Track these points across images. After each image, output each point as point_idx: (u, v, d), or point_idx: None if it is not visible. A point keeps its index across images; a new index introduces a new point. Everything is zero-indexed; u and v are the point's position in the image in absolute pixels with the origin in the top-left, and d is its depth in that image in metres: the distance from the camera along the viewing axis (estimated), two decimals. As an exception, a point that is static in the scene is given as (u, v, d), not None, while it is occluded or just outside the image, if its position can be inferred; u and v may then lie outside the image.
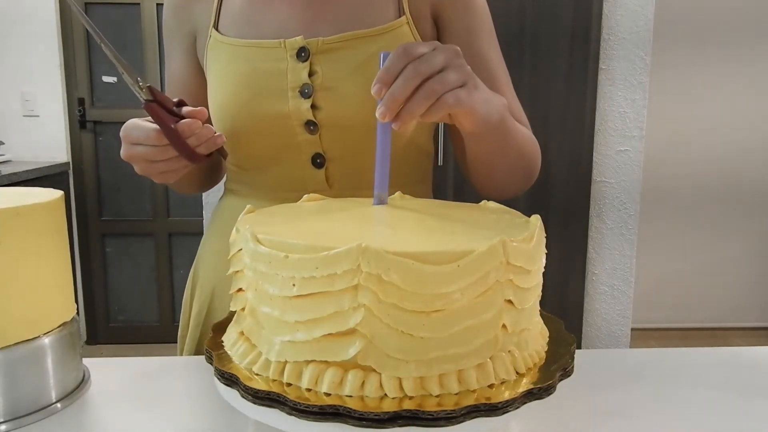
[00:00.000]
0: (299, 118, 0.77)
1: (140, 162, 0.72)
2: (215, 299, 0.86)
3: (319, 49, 0.77)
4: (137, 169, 0.73)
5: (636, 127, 2.24)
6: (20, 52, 3.02)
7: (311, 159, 0.80)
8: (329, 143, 0.79)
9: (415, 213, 0.62)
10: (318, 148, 0.79)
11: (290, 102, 0.77)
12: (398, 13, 0.80)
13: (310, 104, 0.77)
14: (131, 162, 0.72)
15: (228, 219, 0.85)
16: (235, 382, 0.48)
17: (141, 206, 3.20)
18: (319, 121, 0.78)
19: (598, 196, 2.27)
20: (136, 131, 0.70)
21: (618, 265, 2.32)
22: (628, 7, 2.17)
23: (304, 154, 0.80)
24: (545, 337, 0.57)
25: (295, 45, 0.77)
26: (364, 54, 0.77)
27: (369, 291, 0.44)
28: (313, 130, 0.78)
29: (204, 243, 0.93)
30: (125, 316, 3.26)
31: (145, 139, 0.69)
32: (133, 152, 0.71)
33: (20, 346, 0.60)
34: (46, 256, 0.62)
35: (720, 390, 0.68)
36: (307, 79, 0.77)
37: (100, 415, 0.63)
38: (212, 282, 0.87)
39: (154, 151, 0.70)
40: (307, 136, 0.79)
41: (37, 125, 3.08)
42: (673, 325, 3.35)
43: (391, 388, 0.45)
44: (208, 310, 0.87)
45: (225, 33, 0.81)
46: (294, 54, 0.77)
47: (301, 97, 0.77)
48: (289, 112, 0.77)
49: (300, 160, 0.80)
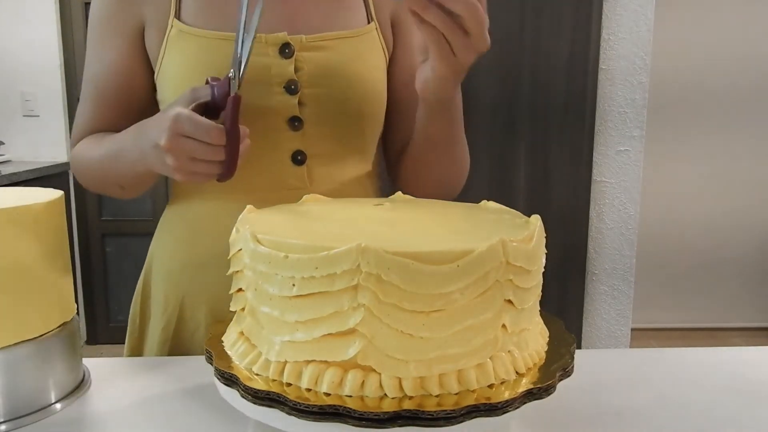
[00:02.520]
0: (284, 114, 0.77)
1: (182, 157, 0.66)
2: (185, 311, 0.82)
3: (303, 46, 0.78)
4: (170, 162, 0.66)
5: (636, 127, 2.24)
6: (20, 52, 3.01)
7: (291, 156, 0.79)
8: (311, 140, 0.79)
9: (415, 213, 0.62)
10: (299, 144, 0.79)
11: (275, 97, 0.77)
12: (368, 19, 0.84)
13: (297, 100, 0.77)
14: (169, 153, 0.65)
15: (187, 230, 0.83)
16: (235, 382, 0.48)
17: (141, 206, 3.20)
18: (304, 117, 0.78)
19: (598, 196, 2.27)
20: (190, 124, 0.64)
21: (618, 265, 2.32)
22: (628, 7, 2.17)
23: (285, 151, 0.79)
24: (545, 337, 0.57)
25: (278, 41, 0.76)
26: (344, 55, 0.80)
27: (369, 291, 0.44)
28: (297, 126, 0.78)
29: (157, 256, 0.88)
30: (125, 316, 3.23)
31: (202, 134, 0.65)
32: (179, 144, 0.65)
33: (20, 346, 0.60)
34: (46, 256, 0.62)
35: (720, 390, 0.68)
36: (293, 75, 0.77)
37: (100, 415, 0.63)
38: (178, 296, 0.82)
39: (207, 150, 0.65)
40: (289, 133, 0.78)
41: (37, 125, 3.07)
42: (673, 325, 3.35)
43: (391, 388, 0.45)
44: (176, 325, 0.82)
45: (190, 23, 0.77)
46: (277, 50, 0.77)
47: (287, 93, 0.77)
48: (273, 108, 0.77)
49: (279, 158, 0.79)
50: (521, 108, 2.17)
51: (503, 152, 2.21)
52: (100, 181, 0.84)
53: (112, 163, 0.79)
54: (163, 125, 0.66)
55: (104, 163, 0.80)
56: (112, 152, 0.78)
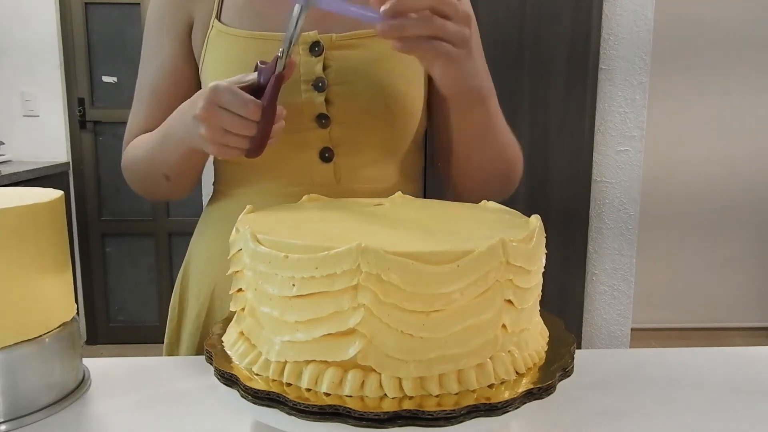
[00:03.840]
0: (311, 111, 0.79)
1: (215, 127, 0.67)
2: (215, 300, 0.86)
3: (333, 44, 0.79)
4: (203, 132, 0.68)
5: (636, 127, 2.24)
6: (20, 52, 3.01)
7: (319, 153, 0.81)
8: (338, 137, 0.80)
9: (415, 213, 0.62)
10: (327, 142, 0.80)
11: (303, 95, 0.78)
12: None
13: (324, 98, 0.78)
14: (203, 122, 0.67)
15: (225, 222, 0.85)
16: (235, 382, 0.48)
17: (141, 206, 3.20)
18: (331, 115, 0.79)
19: (598, 196, 2.27)
20: (229, 95, 0.66)
21: (618, 265, 2.32)
22: (628, 8, 2.17)
23: (313, 148, 0.81)
24: (545, 337, 0.57)
25: (308, 39, 0.78)
26: (375, 53, 0.79)
27: (369, 291, 0.44)
28: (324, 123, 0.79)
29: (196, 248, 0.92)
30: (125, 316, 3.26)
31: (239, 107, 0.66)
32: (215, 114, 0.66)
33: (20, 346, 0.60)
34: (46, 256, 0.62)
35: (720, 390, 0.68)
36: (321, 72, 0.78)
37: (100, 415, 0.63)
38: (210, 285, 0.86)
39: (241, 123, 0.67)
40: (317, 130, 0.80)
41: (37, 125, 3.07)
42: (673, 325, 3.35)
43: (391, 388, 0.45)
44: (207, 312, 0.86)
45: (228, 24, 0.81)
46: (307, 48, 0.78)
47: (315, 90, 0.78)
48: (301, 105, 0.78)
49: (308, 155, 0.81)
50: (521, 108, 2.18)
51: (503, 152, 2.21)
52: (147, 175, 0.86)
53: (160, 148, 0.81)
54: (202, 96, 0.68)
55: (153, 150, 0.82)
56: (161, 137, 0.81)
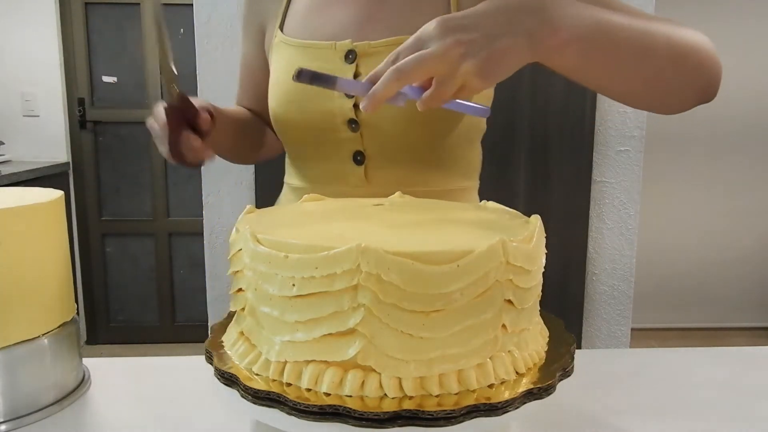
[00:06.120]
0: (343, 116, 0.82)
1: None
2: None
3: (366, 52, 0.81)
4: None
5: (636, 127, 2.24)
6: (20, 52, 3.02)
7: (352, 156, 0.84)
8: (369, 141, 0.83)
9: (415, 213, 0.62)
10: (359, 145, 0.83)
11: (335, 101, 0.81)
12: None
13: (353, 104, 0.80)
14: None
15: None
16: (235, 382, 0.48)
17: (141, 206, 3.20)
18: (360, 120, 0.81)
19: (598, 196, 2.27)
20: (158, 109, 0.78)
21: (618, 265, 2.32)
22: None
23: (346, 151, 0.84)
24: (545, 337, 0.57)
25: (344, 47, 0.81)
26: None
27: (368, 291, 0.44)
28: (354, 128, 0.82)
29: None
30: (125, 316, 3.26)
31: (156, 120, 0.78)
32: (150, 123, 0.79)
33: (20, 346, 0.60)
34: (46, 256, 0.62)
35: (720, 390, 0.68)
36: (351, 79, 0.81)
37: (100, 415, 0.63)
38: None
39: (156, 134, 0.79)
40: (349, 134, 0.83)
41: (37, 125, 3.07)
42: (673, 325, 3.35)
43: (391, 388, 0.45)
44: None
45: (287, 34, 0.87)
46: (342, 56, 0.81)
47: (345, 96, 0.81)
48: (333, 110, 0.81)
49: (342, 156, 0.85)
50: (521, 108, 2.17)
51: (503, 152, 2.21)
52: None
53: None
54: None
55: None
56: None
